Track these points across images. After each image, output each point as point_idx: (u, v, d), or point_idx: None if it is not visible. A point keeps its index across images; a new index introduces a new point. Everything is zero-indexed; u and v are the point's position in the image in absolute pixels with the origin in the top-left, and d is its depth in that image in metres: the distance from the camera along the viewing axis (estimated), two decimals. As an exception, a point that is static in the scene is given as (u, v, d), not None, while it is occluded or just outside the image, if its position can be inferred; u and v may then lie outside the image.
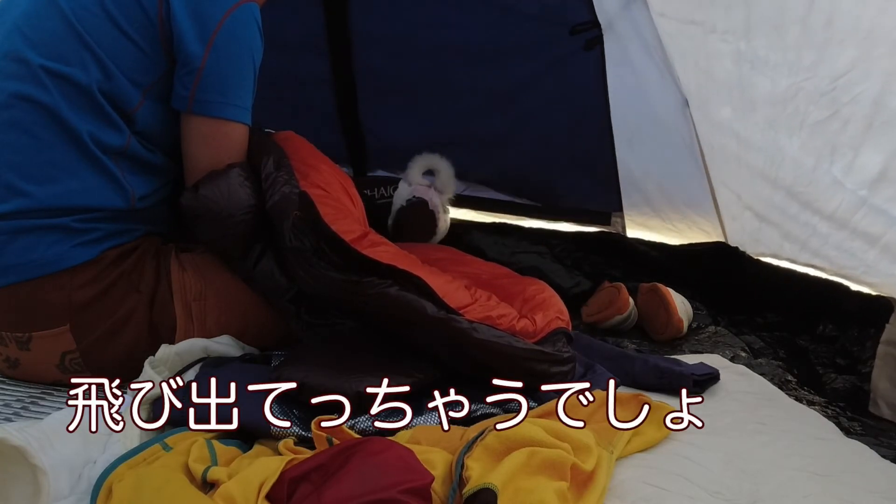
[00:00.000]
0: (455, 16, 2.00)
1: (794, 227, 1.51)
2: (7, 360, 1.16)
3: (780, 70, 1.38)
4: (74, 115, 1.09)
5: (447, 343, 1.10)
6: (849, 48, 1.23)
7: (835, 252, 1.41)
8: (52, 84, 1.09)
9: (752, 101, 1.50)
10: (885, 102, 1.21)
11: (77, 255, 1.11)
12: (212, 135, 1.18)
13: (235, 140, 1.20)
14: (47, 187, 1.09)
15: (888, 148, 1.23)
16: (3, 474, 0.81)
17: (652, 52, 1.75)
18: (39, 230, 1.09)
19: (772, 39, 1.37)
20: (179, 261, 1.21)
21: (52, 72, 1.09)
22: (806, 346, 1.58)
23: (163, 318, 1.17)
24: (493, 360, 1.10)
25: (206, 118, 1.17)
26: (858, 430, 1.21)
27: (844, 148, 1.31)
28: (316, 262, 1.11)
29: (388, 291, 1.08)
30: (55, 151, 1.10)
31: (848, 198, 1.33)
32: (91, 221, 1.12)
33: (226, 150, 1.19)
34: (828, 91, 1.29)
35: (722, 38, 1.48)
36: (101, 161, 1.12)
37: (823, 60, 1.29)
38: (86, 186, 1.11)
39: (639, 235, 2.08)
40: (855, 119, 1.26)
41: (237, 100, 1.18)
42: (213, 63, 1.13)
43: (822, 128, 1.34)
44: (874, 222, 1.29)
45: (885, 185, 1.25)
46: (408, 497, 0.77)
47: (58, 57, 1.09)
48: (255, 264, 1.20)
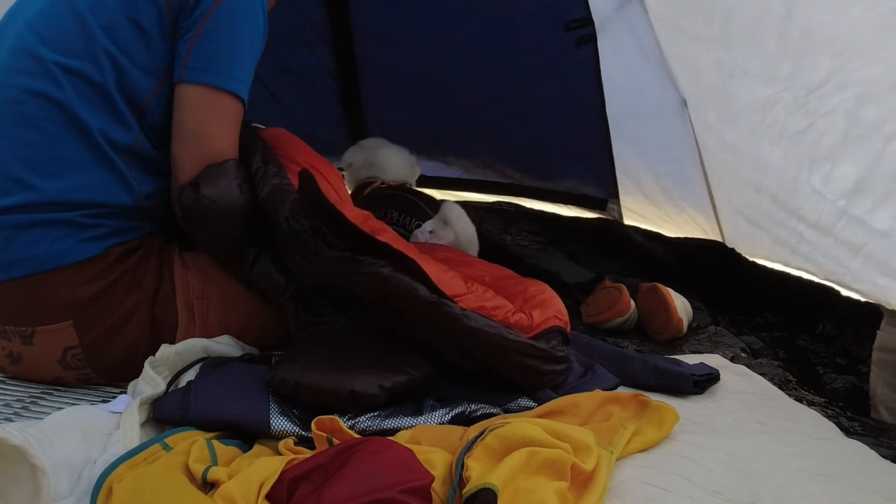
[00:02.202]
0: (455, 10, 2.01)
1: (782, 232, 1.51)
2: (9, 356, 1.16)
3: (759, 79, 1.38)
4: (86, 111, 1.10)
5: (437, 329, 1.09)
6: (824, 60, 1.23)
7: (822, 258, 1.41)
8: (65, 80, 1.09)
9: (734, 108, 1.51)
10: (860, 115, 1.21)
11: (82, 250, 1.11)
12: (199, 100, 1.15)
13: (227, 110, 1.17)
14: (55, 182, 1.10)
15: (864, 160, 1.23)
16: (2, 474, 0.81)
17: (647, 52, 1.76)
18: (45, 225, 1.09)
19: (750, 49, 1.38)
20: (182, 260, 1.22)
21: (65, 68, 1.09)
22: (806, 346, 1.58)
23: (165, 316, 1.18)
24: (482, 350, 1.09)
25: (194, 85, 1.14)
26: (858, 430, 1.21)
27: (821, 159, 1.31)
28: (313, 242, 1.10)
29: (382, 271, 1.07)
30: (65, 147, 1.10)
31: (828, 208, 1.33)
32: (98, 217, 1.12)
33: (214, 119, 1.16)
34: (805, 102, 1.30)
35: (705, 46, 1.49)
36: (109, 157, 1.12)
37: (800, 71, 1.29)
38: (93, 182, 1.12)
39: (634, 224, 2.10)
40: (831, 131, 1.27)
41: (230, 70, 1.15)
42: (209, 30, 1.12)
43: (800, 138, 1.34)
44: (855, 232, 1.29)
45: (862, 196, 1.26)
46: (408, 497, 0.77)
47: (71, 53, 1.10)
48: (251, 267, 1.20)
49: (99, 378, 1.18)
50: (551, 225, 2.18)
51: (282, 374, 1.02)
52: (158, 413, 0.99)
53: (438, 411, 1.05)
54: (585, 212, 2.23)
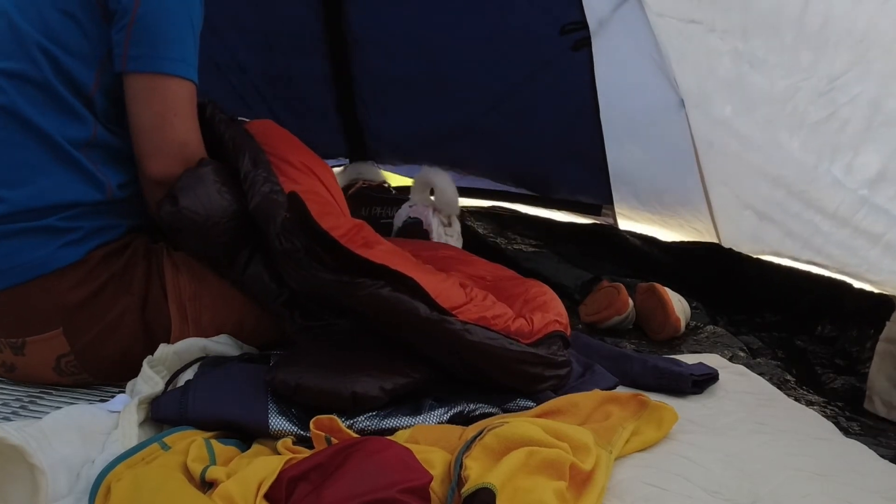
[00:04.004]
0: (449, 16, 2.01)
1: (795, 224, 1.51)
2: (3, 365, 1.15)
3: (778, 70, 1.38)
4: (36, 112, 1.08)
5: (440, 345, 1.09)
6: (844, 50, 1.23)
7: (837, 250, 1.42)
8: (6, 85, 1.07)
9: (751, 99, 1.50)
10: (882, 103, 1.21)
11: (63, 256, 1.10)
12: (150, 91, 1.11)
13: (179, 97, 1.12)
14: (21, 189, 1.08)
15: (887, 148, 1.24)
16: (1, 474, 0.80)
17: (643, 53, 1.75)
18: (23, 234, 1.08)
19: (769, 40, 1.38)
20: (173, 261, 1.20)
21: (2, 72, 1.08)
22: (804, 347, 1.58)
23: (157, 319, 1.17)
24: (485, 362, 1.10)
25: (141, 74, 1.10)
26: (857, 429, 1.21)
27: (844, 148, 1.31)
28: (307, 263, 1.08)
29: (381, 293, 1.06)
30: (24, 152, 1.08)
31: (849, 197, 1.33)
32: (73, 220, 1.11)
33: (170, 108, 1.11)
34: (826, 91, 1.29)
35: (721, 37, 1.48)
36: (71, 156, 1.10)
37: (820, 61, 1.29)
38: (59, 183, 1.10)
39: (629, 228, 2.10)
40: (853, 119, 1.27)
41: (173, 53, 1.11)
42: (142, 15, 1.08)
43: (821, 128, 1.34)
44: (876, 221, 1.29)
45: (884, 184, 1.26)
46: (406, 496, 0.77)
47: (5, 56, 1.08)
48: (243, 271, 1.18)
49: (94, 381, 1.17)
50: (547, 229, 2.18)
51: (282, 375, 1.01)
52: (157, 412, 0.99)
53: (437, 411, 1.05)
54: (580, 217, 2.23)
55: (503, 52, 2.02)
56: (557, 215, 2.25)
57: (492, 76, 2.08)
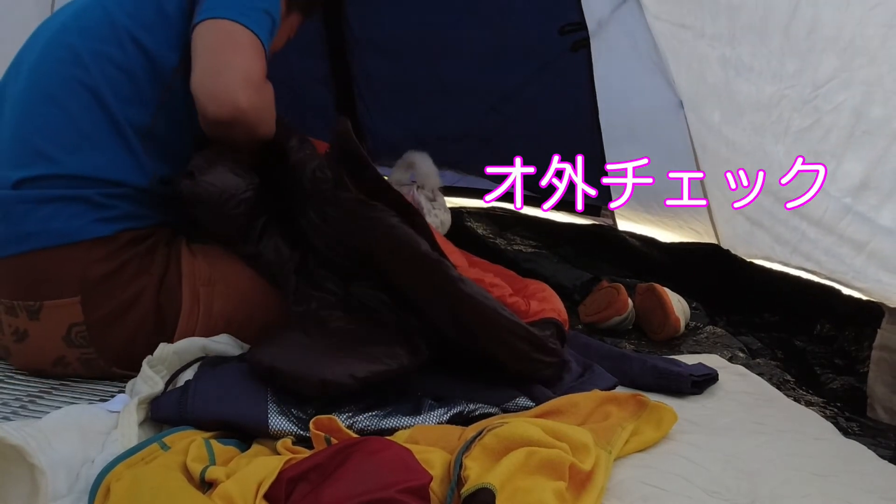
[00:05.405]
0: (449, 17, 2.01)
1: (783, 230, 1.51)
2: (15, 333, 1.17)
3: (764, 77, 1.39)
4: (110, 91, 1.15)
5: (434, 291, 1.09)
6: (830, 58, 1.23)
7: (824, 257, 1.42)
8: (92, 64, 1.15)
9: (738, 105, 1.51)
10: (865, 112, 1.21)
11: (95, 229, 1.14)
12: (211, 31, 1.12)
13: (239, 41, 1.12)
14: (75, 156, 1.14)
15: (869, 157, 1.24)
16: (1, 474, 0.81)
17: (642, 54, 1.76)
18: (63, 200, 1.13)
19: (755, 46, 1.38)
20: (191, 249, 1.25)
21: (92, 52, 1.15)
22: (804, 347, 1.58)
23: (170, 303, 1.20)
24: (476, 320, 1.08)
25: (205, 21, 1.12)
26: (856, 430, 1.21)
27: (827, 156, 1.31)
28: (331, 192, 1.13)
29: (390, 219, 1.08)
30: (85, 123, 1.14)
31: (833, 205, 1.33)
32: (112, 198, 1.15)
33: (229, 46, 1.12)
34: (810, 99, 1.30)
35: (710, 43, 1.49)
36: (128, 138, 1.16)
37: (806, 69, 1.29)
38: (110, 160, 1.15)
39: (628, 230, 2.11)
40: (837, 127, 1.27)
41: (241, 7, 1.14)
42: None
43: (805, 135, 1.35)
44: (859, 230, 1.29)
45: (867, 193, 1.26)
46: (406, 497, 0.77)
47: (98, 39, 1.16)
48: (258, 240, 1.22)
49: (99, 360, 1.18)
50: (546, 230, 2.19)
51: (259, 354, 1.04)
52: (156, 412, 0.99)
53: (437, 411, 1.05)
54: (579, 218, 2.23)
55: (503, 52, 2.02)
56: (557, 216, 2.25)
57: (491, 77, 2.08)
